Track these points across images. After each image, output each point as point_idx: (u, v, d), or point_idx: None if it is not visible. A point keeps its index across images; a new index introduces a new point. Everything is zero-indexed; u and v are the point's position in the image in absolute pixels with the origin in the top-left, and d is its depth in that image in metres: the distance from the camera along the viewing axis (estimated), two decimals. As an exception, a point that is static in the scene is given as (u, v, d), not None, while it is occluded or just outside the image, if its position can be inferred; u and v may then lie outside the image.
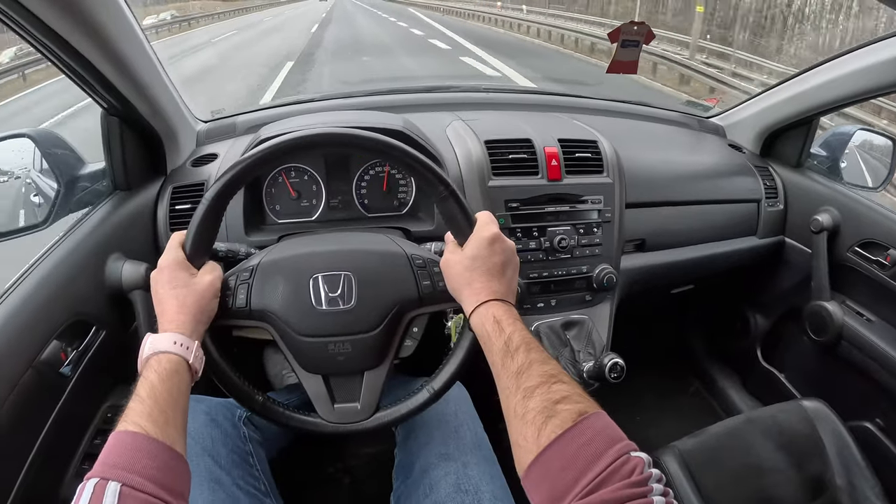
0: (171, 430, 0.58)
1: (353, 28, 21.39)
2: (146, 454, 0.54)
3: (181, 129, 1.14)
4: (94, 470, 0.52)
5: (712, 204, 1.32)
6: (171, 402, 0.61)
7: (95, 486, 0.49)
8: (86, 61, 0.87)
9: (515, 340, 0.62)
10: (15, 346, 0.79)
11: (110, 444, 0.54)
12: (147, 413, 0.57)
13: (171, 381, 0.63)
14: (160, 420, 0.58)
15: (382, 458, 1.02)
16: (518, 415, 0.57)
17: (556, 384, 0.57)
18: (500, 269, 0.71)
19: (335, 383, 0.79)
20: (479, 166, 1.06)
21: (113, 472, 0.51)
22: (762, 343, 1.55)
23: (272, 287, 0.76)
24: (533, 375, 0.58)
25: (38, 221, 1.02)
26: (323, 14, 29.52)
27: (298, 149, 0.74)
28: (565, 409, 0.54)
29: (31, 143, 1.03)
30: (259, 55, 12.68)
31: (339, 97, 1.38)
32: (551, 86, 8.07)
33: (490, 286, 0.69)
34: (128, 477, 0.51)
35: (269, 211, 1.08)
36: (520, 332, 0.64)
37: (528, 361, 0.60)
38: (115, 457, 0.53)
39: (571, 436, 0.52)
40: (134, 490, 0.50)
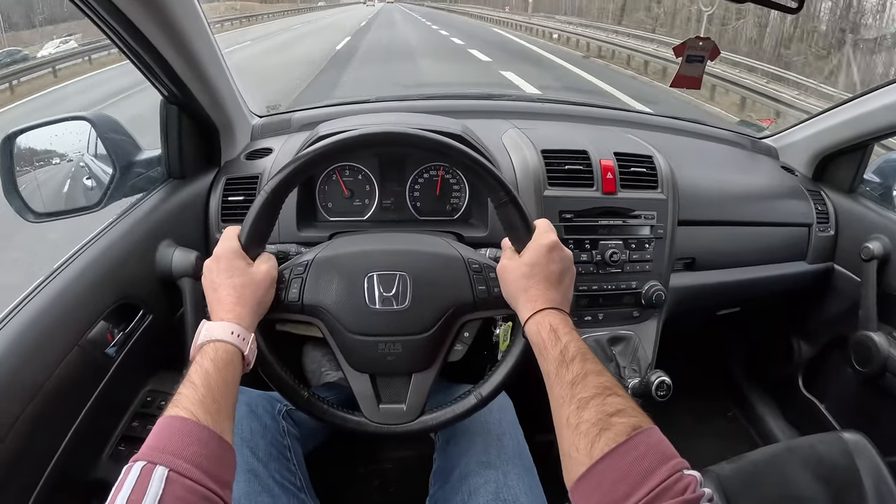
0: (221, 420, 0.58)
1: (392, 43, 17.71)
2: (196, 441, 0.53)
3: (237, 121, 1.15)
4: (141, 453, 0.51)
5: (763, 226, 1.30)
6: (224, 391, 0.61)
7: (142, 469, 0.49)
8: (153, 49, 0.89)
9: (571, 350, 0.62)
10: (63, 323, 0.80)
11: (160, 429, 0.54)
12: (199, 400, 0.57)
13: (225, 371, 0.62)
14: (212, 408, 0.57)
15: (415, 462, 1.01)
16: (571, 425, 0.56)
17: (611, 396, 0.56)
18: (558, 278, 0.70)
19: (382, 383, 0.78)
20: (536, 175, 1.06)
21: (161, 457, 0.50)
22: (804, 371, 1.51)
23: (326, 283, 0.75)
24: (588, 386, 0.58)
25: (91, 203, 1.04)
26: (363, 22, 26.85)
27: (362, 146, 0.74)
28: (620, 422, 0.53)
29: (89, 126, 1.04)
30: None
31: (395, 100, 1.39)
32: (604, 99, 7.84)
33: (547, 294, 0.69)
34: (176, 462, 0.50)
35: (322, 208, 1.08)
36: (576, 342, 0.63)
37: (583, 372, 0.59)
38: (164, 441, 0.52)
39: (625, 450, 0.51)
40: (181, 476, 0.49)
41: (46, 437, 0.75)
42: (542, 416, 1.14)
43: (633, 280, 1.08)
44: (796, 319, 1.51)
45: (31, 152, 1.04)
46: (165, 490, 0.47)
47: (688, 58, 1.09)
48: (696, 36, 1.09)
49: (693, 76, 1.11)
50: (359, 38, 17.57)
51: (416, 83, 8.94)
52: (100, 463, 0.90)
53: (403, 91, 7.88)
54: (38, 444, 0.73)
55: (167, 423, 0.54)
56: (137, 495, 0.46)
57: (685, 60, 1.09)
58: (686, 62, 1.09)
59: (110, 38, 0.88)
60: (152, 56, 0.90)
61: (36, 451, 0.73)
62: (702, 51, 1.09)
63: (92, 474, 0.88)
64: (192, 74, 0.97)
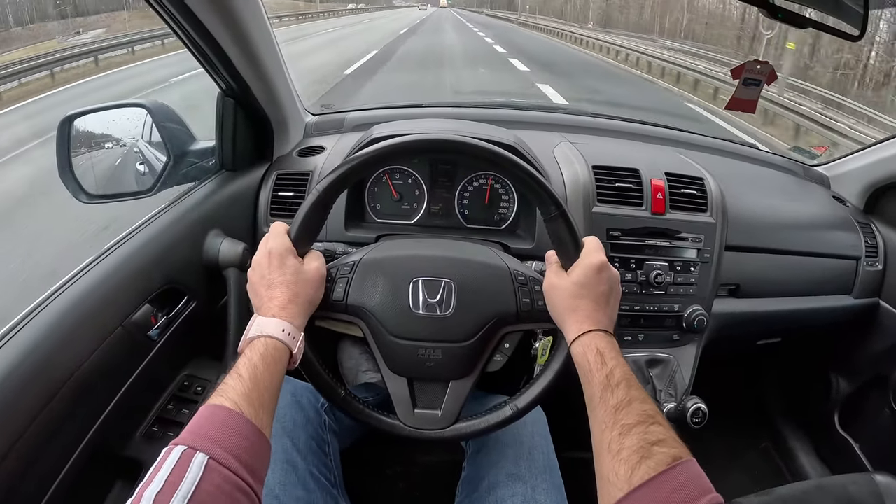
0: (263, 415, 0.58)
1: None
2: (238, 433, 0.54)
3: (292, 118, 1.17)
4: (181, 437, 0.52)
5: (810, 256, 1.26)
6: (270, 387, 0.61)
7: (183, 454, 0.49)
8: (215, 42, 0.90)
9: (617, 375, 0.62)
10: (109, 303, 0.82)
11: (203, 416, 0.54)
12: (246, 393, 0.57)
13: (273, 367, 0.63)
14: (256, 403, 0.58)
15: (443, 469, 1.01)
16: (612, 451, 0.56)
17: (653, 425, 0.56)
18: (605, 299, 0.71)
19: (418, 388, 0.78)
20: (586, 191, 1.05)
21: (203, 444, 0.51)
22: (841, 408, 1.47)
23: (371, 285, 0.76)
24: (632, 413, 0.58)
25: (143, 189, 1.06)
26: (403, 29, 24.25)
27: (418, 151, 0.74)
28: (661, 451, 0.53)
29: (145, 113, 1.06)
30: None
31: (447, 105, 1.39)
32: (657, 117, 7.74)
33: (594, 316, 0.69)
34: (217, 451, 0.50)
35: (370, 209, 1.09)
36: (622, 367, 0.63)
37: (628, 398, 0.60)
38: (206, 429, 0.53)
39: (664, 479, 0.51)
40: (220, 465, 0.50)
41: (84, 412, 0.77)
42: (573, 433, 1.12)
43: (676, 303, 1.07)
44: (837, 354, 1.47)
45: (88, 135, 1.07)
46: (203, 477, 0.48)
47: (744, 81, 1.07)
48: (755, 59, 1.07)
49: (749, 99, 1.08)
50: (386, 55, 13.79)
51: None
52: (133, 441, 0.92)
53: (454, 97, 7.78)
54: (76, 417, 0.75)
55: (211, 411, 0.55)
56: (176, 478, 0.47)
57: (741, 83, 1.07)
58: (742, 85, 1.07)
59: (173, 29, 0.90)
60: (213, 49, 0.92)
61: (73, 424, 0.75)
62: (759, 74, 1.07)
63: (124, 451, 0.90)
64: (250, 69, 0.99)
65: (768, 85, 1.09)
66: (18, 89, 7.97)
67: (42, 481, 0.71)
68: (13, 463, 0.64)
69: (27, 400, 0.67)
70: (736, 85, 1.08)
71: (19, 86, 8.05)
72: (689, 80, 10.69)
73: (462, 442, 0.99)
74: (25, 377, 0.67)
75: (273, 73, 1.04)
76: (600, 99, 9.08)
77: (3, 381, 0.65)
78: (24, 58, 8.86)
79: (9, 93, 7.76)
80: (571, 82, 10.33)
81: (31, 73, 8.33)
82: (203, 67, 0.99)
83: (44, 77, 8.61)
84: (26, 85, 8.19)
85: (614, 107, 7.91)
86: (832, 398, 1.48)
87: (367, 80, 9.31)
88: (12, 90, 7.87)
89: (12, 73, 7.93)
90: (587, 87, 10.17)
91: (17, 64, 8.29)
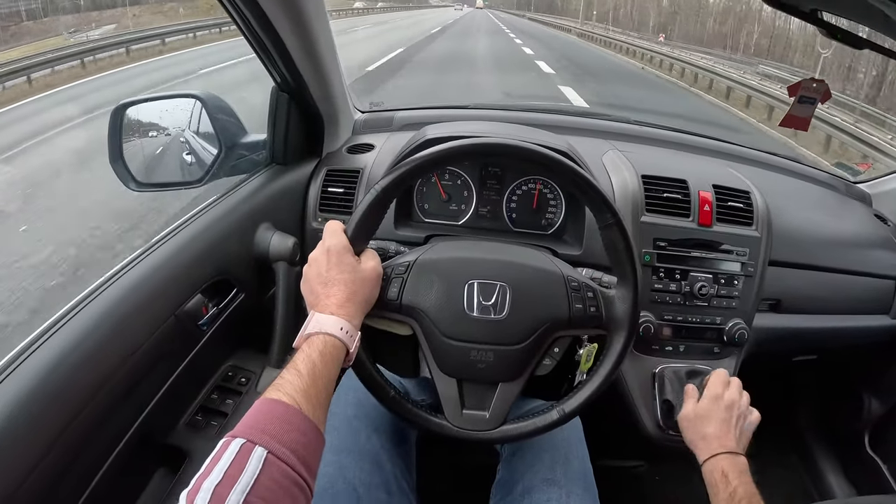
0: (319, 412, 0.58)
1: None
2: (296, 429, 0.54)
3: (343, 115, 1.17)
4: (239, 430, 0.52)
5: (850, 275, 1.25)
6: (327, 384, 0.62)
7: (242, 447, 0.49)
8: (277, 36, 0.91)
9: (740, 493, 0.71)
10: (163, 293, 0.83)
11: (261, 411, 0.55)
12: (304, 389, 0.57)
13: (331, 365, 0.63)
14: (314, 399, 0.58)
15: (477, 471, 1.01)
16: None
17: None
18: (729, 425, 0.82)
19: (468, 389, 0.78)
20: (635, 200, 1.05)
21: (262, 438, 0.51)
22: (872, 429, 1.45)
23: (426, 285, 0.76)
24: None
25: (193, 179, 1.07)
26: (434, 28, 22.39)
27: (477, 154, 0.76)
28: None
29: (197, 104, 1.07)
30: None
31: (496, 108, 1.39)
32: (703, 128, 7.55)
33: (721, 440, 0.80)
34: (276, 446, 0.51)
35: (418, 208, 1.09)
36: (745, 486, 0.72)
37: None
38: (264, 423, 0.53)
39: None
40: (278, 460, 0.50)
41: (134, 399, 0.78)
42: (608, 441, 1.12)
43: (719, 316, 1.06)
44: (871, 374, 1.45)
45: (139, 124, 1.08)
46: (263, 470, 0.48)
47: (800, 98, 1.07)
48: (811, 77, 1.06)
49: (803, 117, 1.08)
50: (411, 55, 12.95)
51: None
52: (176, 429, 0.93)
53: (503, 100, 7.52)
54: (127, 404, 0.76)
55: (269, 406, 0.55)
56: (235, 470, 0.47)
57: (797, 101, 1.07)
58: (798, 102, 1.07)
59: (235, 21, 0.91)
60: (274, 43, 0.93)
61: (123, 410, 0.76)
62: (815, 93, 1.07)
63: (168, 439, 0.91)
64: (308, 64, 0.99)
65: (822, 103, 1.08)
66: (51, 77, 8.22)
67: (91, 465, 0.72)
68: (64, 447, 0.65)
69: (79, 386, 0.68)
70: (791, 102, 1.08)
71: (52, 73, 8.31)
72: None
73: (497, 445, 0.99)
74: (78, 364, 0.68)
75: (329, 68, 1.05)
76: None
77: (56, 367, 0.66)
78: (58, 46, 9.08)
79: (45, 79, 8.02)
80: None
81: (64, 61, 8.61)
82: (261, 60, 1.00)
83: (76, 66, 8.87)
84: (59, 73, 8.42)
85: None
86: (863, 418, 1.46)
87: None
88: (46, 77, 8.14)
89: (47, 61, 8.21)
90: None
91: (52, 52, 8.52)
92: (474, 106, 1.36)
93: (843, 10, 0.88)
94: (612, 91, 10.08)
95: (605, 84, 11.23)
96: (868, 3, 0.70)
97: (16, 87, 7.41)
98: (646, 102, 9.24)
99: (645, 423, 1.05)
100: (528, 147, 0.74)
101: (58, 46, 9.76)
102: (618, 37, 21.42)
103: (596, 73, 12.95)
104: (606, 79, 12.16)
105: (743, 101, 9.99)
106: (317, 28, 0.96)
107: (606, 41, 20.93)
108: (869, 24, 0.94)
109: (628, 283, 0.77)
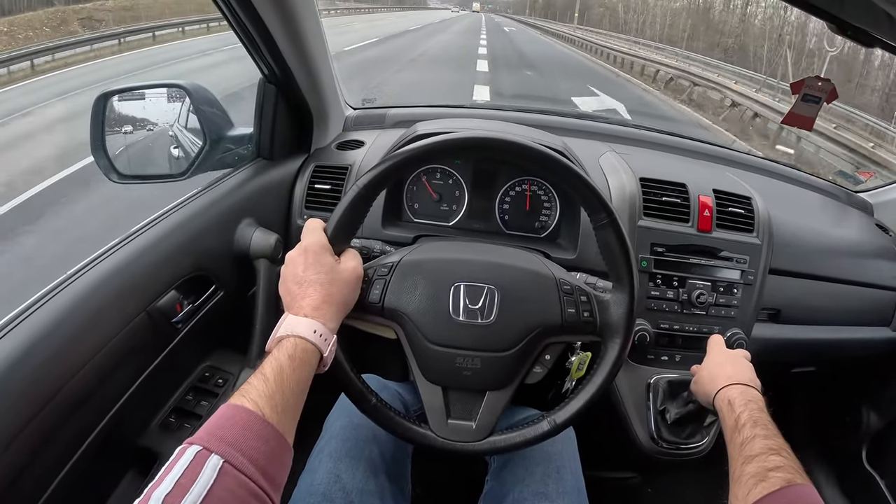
0: (286, 419, 0.55)
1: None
2: (257, 436, 0.51)
3: (333, 110, 1.14)
4: (197, 437, 0.49)
5: (851, 285, 1.22)
6: (296, 390, 0.58)
7: (196, 455, 0.47)
8: (262, 24, 0.88)
9: (743, 418, 0.71)
10: (135, 286, 0.79)
11: (222, 417, 0.52)
12: (269, 395, 0.54)
13: (301, 370, 0.60)
14: (280, 406, 0.55)
15: (464, 482, 0.98)
16: (735, 478, 0.64)
17: (773, 455, 0.63)
18: (737, 365, 0.84)
19: (453, 398, 0.75)
20: (632, 203, 1.02)
21: (219, 446, 0.48)
22: (869, 443, 1.43)
23: (410, 288, 0.72)
24: (755, 447, 0.65)
25: (177, 172, 1.04)
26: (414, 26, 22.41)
27: (462, 149, 0.72)
28: (776, 476, 0.60)
29: (183, 94, 1.04)
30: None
31: (490, 108, 1.37)
32: (703, 133, 7.39)
33: (730, 376, 0.80)
34: (232, 454, 0.48)
35: (408, 208, 1.06)
36: (749, 412, 0.72)
37: (752, 435, 0.67)
38: (223, 430, 0.50)
39: (775, 497, 0.57)
40: (235, 469, 0.47)
41: (101, 397, 0.74)
42: (600, 452, 1.09)
43: (717, 325, 1.03)
44: (870, 388, 1.43)
45: (123, 114, 1.05)
46: (217, 480, 0.45)
47: (804, 97, 1.04)
48: (816, 76, 1.03)
49: (806, 116, 1.05)
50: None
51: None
52: (148, 430, 0.89)
53: (498, 100, 7.63)
54: (92, 402, 0.73)
55: (231, 411, 0.52)
56: (187, 480, 0.45)
57: (800, 99, 1.04)
58: (801, 101, 1.04)
59: (222, 10, 0.88)
60: (261, 33, 0.90)
61: (88, 408, 0.72)
62: (820, 91, 1.04)
63: (139, 441, 0.88)
64: (296, 56, 0.96)
65: (828, 103, 1.06)
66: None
67: (52, 466, 0.68)
68: (24, 445, 0.62)
69: (43, 381, 0.65)
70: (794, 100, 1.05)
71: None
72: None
73: (487, 456, 0.96)
74: (43, 358, 0.65)
75: (318, 61, 1.02)
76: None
77: (20, 360, 0.63)
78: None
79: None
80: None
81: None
82: (248, 51, 0.97)
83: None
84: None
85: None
86: (861, 432, 1.44)
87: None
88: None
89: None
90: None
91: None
92: (470, 105, 1.34)
93: (850, 16, 0.86)
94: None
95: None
96: (874, 5, 0.68)
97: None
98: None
99: (638, 435, 1.02)
100: (518, 142, 0.70)
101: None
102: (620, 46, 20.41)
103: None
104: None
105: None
106: (305, 18, 0.93)
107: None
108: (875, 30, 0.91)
109: (624, 286, 0.73)
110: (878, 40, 0.88)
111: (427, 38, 18.70)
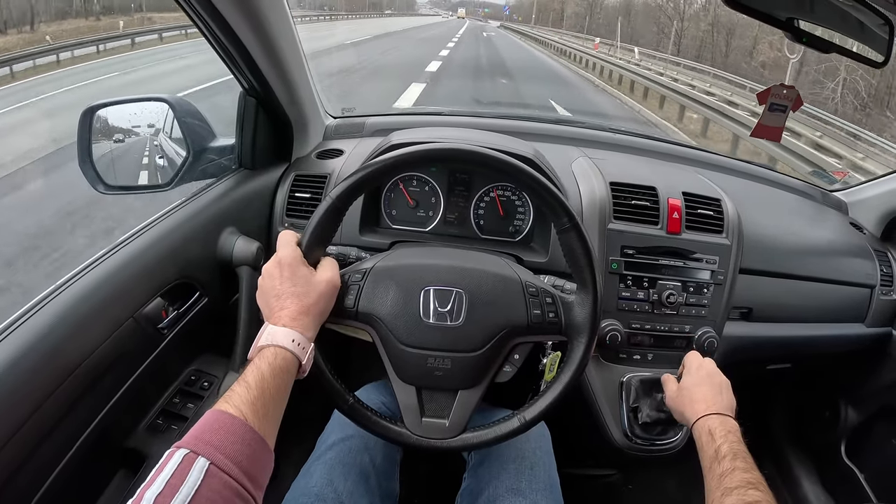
0: (267, 425, 0.59)
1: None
2: (240, 440, 0.54)
3: (312, 120, 1.17)
4: (185, 441, 0.52)
5: (825, 283, 1.24)
6: (277, 397, 0.62)
7: (185, 457, 0.50)
8: (239, 42, 0.91)
9: (724, 450, 0.73)
10: (122, 294, 0.82)
11: (207, 422, 0.55)
12: (251, 401, 0.58)
13: (280, 378, 0.63)
14: (261, 412, 0.58)
15: (442, 479, 1.00)
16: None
17: (752, 490, 0.65)
18: (717, 390, 0.84)
19: (427, 397, 0.78)
20: (602, 207, 1.04)
21: (205, 449, 0.51)
22: (848, 438, 1.45)
23: (382, 293, 0.76)
24: (734, 479, 0.68)
25: (161, 182, 1.07)
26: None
27: (428, 160, 0.75)
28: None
29: (167, 108, 1.07)
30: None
31: (468, 115, 1.39)
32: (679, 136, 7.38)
33: (709, 404, 0.82)
34: (218, 457, 0.51)
35: (385, 215, 1.09)
36: (729, 444, 0.74)
37: (732, 468, 0.70)
38: (209, 434, 0.53)
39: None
40: (220, 471, 0.50)
41: (90, 402, 0.77)
42: (574, 449, 1.12)
43: (687, 324, 1.06)
44: (847, 383, 1.45)
45: (109, 127, 1.08)
46: (203, 481, 0.49)
47: (770, 106, 1.05)
48: (781, 83, 1.05)
49: (775, 126, 1.07)
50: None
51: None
52: (136, 433, 0.92)
53: (477, 107, 7.70)
54: (82, 406, 0.75)
55: (215, 417, 0.55)
56: (177, 480, 0.48)
57: (767, 109, 1.05)
58: (768, 111, 1.05)
59: (198, 27, 0.91)
60: (237, 48, 0.92)
61: (78, 413, 0.75)
62: (786, 99, 1.05)
63: (127, 443, 0.90)
64: (273, 70, 0.99)
65: (794, 111, 1.07)
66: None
67: (42, 469, 0.71)
68: (14, 450, 0.65)
69: (32, 387, 0.68)
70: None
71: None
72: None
73: (464, 453, 0.98)
74: (33, 364, 0.68)
75: (296, 74, 1.04)
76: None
77: (10, 367, 0.66)
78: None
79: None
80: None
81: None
82: (227, 66, 0.99)
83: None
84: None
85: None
86: (840, 427, 1.46)
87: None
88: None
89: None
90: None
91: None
92: (448, 112, 1.36)
93: (818, 19, 0.89)
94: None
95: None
96: (843, 10, 0.70)
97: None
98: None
99: (611, 432, 1.04)
100: (481, 151, 0.73)
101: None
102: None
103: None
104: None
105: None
106: (280, 34, 0.95)
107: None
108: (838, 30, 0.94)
109: (587, 288, 0.76)
110: (833, 45, 0.91)
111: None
